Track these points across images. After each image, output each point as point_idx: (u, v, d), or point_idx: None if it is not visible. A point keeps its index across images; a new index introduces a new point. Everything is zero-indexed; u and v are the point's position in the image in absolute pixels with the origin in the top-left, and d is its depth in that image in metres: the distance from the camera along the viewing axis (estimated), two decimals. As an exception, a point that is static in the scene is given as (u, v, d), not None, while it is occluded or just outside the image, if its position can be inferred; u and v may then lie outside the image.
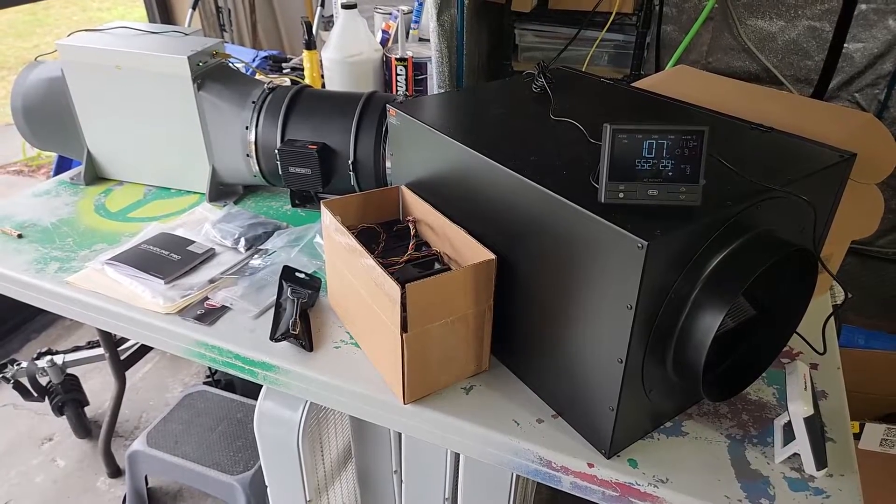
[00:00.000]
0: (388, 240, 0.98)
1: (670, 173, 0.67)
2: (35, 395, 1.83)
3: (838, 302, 1.06)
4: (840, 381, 0.91)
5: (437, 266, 0.93)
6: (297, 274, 1.06)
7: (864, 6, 1.85)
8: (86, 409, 1.96)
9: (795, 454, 0.77)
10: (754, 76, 2.06)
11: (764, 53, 2.00)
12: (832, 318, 0.90)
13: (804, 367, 0.79)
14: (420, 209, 0.97)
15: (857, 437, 1.40)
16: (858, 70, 1.94)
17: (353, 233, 0.88)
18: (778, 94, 1.08)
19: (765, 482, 0.76)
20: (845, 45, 1.89)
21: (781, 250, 0.71)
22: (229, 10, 2.89)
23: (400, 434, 1.10)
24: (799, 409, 0.74)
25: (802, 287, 0.80)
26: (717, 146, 0.82)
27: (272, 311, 1.00)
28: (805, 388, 0.76)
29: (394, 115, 0.99)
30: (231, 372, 0.99)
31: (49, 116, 1.35)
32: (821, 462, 0.75)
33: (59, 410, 1.88)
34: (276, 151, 1.23)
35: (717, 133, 0.89)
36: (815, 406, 0.76)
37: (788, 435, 0.77)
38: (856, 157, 0.83)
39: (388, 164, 1.19)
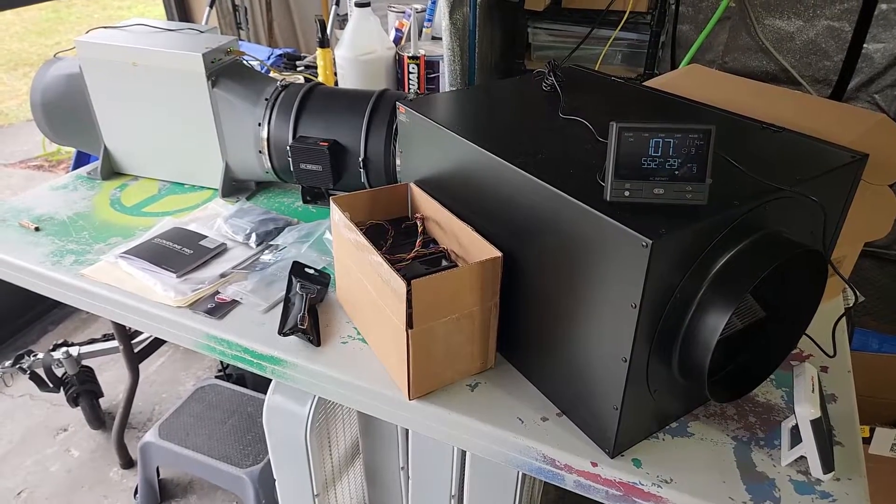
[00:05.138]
0: (396, 236, 0.99)
1: (676, 172, 0.67)
2: (51, 385, 1.86)
3: (850, 305, 1.05)
4: (850, 384, 0.90)
5: (444, 263, 0.93)
6: (306, 269, 1.07)
7: (884, 6, 1.82)
8: (100, 400, 1.99)
9: (802, 457, 0.76)
10: (772, 76, 2.03)
11: (782, 53, 1.97)
12: (843, 320, 0.88)
13: (812, 370, 0.78)
14: (428, 206, 0.98)
15: (868, 441, 1.38)
16: (878, 71, 1.90)
17: (361, 229, 0.89)
18: (790, 93, 1.07)
19: (770, 484, 0.75)
20: (865, 45, 1.86)
21: (789, 251, 0.70)
22: (246, 9, 2.92)
23: (407, 430, 1.10)
24: (806, 411, 0.73)
25: (812, 289, 0.79)
26: (726, 145, 0.81)
27: (281, 305, 1.01)
28: (813, 391, 0.75)
29: (403, 113, 1.00)
30: (240, 365, 1.00)
31: (67, 112, 1.38)
32: (828, 465, 0.74)
33: (73, 401, 1.91)
34: (288, 148, 1.24)
35: (727, 132, 0.88)
36: (823, 409, 0.75)
37: (795, 438, 0.77)
38: (868, 158, 0.82)
39: (397, 162, 1.20)
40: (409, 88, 1.66)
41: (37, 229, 1.24)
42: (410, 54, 1.62)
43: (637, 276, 0.64)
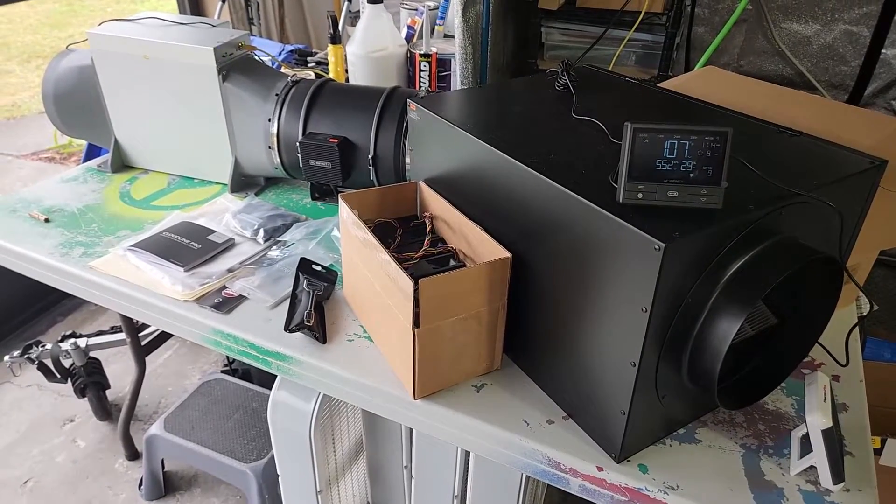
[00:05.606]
0: (404, 235, 0.98)
1: (691, 175, 0.65)
2: (58, 376, 1.87)
3: (864, 313, 1.04)
4: (862, 394, 0.89)
5: (452, 263, 0.93)
6: (313, 266, 1.07)
7: (903, 10, 1.79)
8: (107, 392, 2.00)
9: (812, 467, 0.75)
10: (788, 80, 2.01)
11: (798, 57, 1.95)
12: (856, 329, 0.87)
13: (824, 379, 0.77)
14: (437, 205, 0.97)
15: (879, 452, 1.36)
16: (896, 76, 1.88)
17: (369, 227, 0.88)
18: (808, 97, 1.05)
19: (779, 494, 0.74)
20: (883, 50, 1.83)
21: (805, 258, 0.69)
22: (258, 4, 2.92)
23: (411, 430, 1.10)
24: (817, 420, 0.72)
25: (826, 297, 0.78)
26: (742, 149, 0.80)
27: (288, 301, 1.01)
28: (824, 400, 0.74)
29: (414, 110, 0.99)
30: (245, 360, 1.00)
31: (78, 104, 1.38)
32: (838, 476, 0.73)
33: (80, 392, 1.92)
34: (297, 144, 1.23)
35: (743, 135, 0.87)
36: (834, 418, 0.74)
37: (805, 447, 0.75)
38: (886, 164, 0.80)
39: (407, 160, 1.19)
40: (420, 86, 1.65)
41: (46, 220, 1.25)
42: (422, 52, 1.62)
43: (648, 280, 0.63)
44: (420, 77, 1.64)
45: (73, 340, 1.86)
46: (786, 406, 0.87)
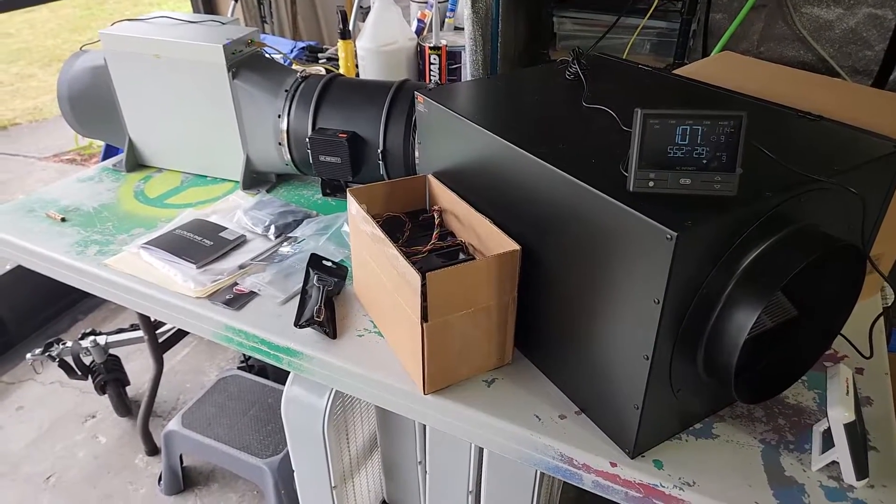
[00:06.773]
0: (413, 229, 0.97)
1: (705, 161, 0.63)
2: (79, 373, 1.90)
3: (889, 304, 1.00)
4: (887, 387, 0.86)
5: (461, 256, 0.92)
6: (324, 262, 1.06)
7: (930, -9, 1.73)
8: (127, 388, 2.03)
9: (834, 462, 0.73)
10: (809, 66, 1.95)
11: (820, 43, 1.89)
12: (881, 320, 0.84)
13: (847, 371, 0.75)
14: (446, 198, 0.96)
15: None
16: (922, 60, 1.81)
17: (378, 221, 0.88)
18: (829, 80, 1.02)
19: (799, 490, 0.72)
20: (909, 33, 1.77)
21: (825, 246, 0.66)
22: (270, 2, 2.93)
23: (425, 425, 1.09)
24: (839, 414, 0.70)
25: (848, 287, 0.75)
26: (760, 134, 0.78)
27: (298, 297, 1.01)
28: (847, 393, 0.72)
29: (422, 103, 0.98)
30: (257, 356, 1.00)
31: (93, 104, 1.39)
32: (861, 471, 0.70)
33: (101, 389, 1.95)
34: (307, 140, 1.23)
35: (760, 121, 0.84)
36: (858, 412, 0.71)
37: (827, 442, 0.73)
38: (912, 148, 0.77)
39: (416, 153, 1.18)
40: (430, 79, 1.64)
41: (63, 220, 1.26)
42: (432, 45, 1.60)
43: (661, 271, 0.62)
44: (430, 70, 1.62)
45: (93, 338, 1.89)
46: (807, 400, 0.84)
